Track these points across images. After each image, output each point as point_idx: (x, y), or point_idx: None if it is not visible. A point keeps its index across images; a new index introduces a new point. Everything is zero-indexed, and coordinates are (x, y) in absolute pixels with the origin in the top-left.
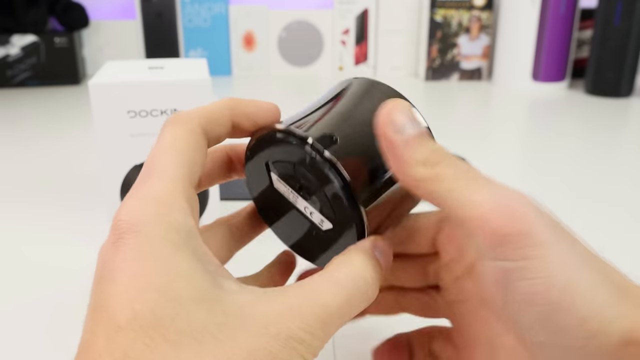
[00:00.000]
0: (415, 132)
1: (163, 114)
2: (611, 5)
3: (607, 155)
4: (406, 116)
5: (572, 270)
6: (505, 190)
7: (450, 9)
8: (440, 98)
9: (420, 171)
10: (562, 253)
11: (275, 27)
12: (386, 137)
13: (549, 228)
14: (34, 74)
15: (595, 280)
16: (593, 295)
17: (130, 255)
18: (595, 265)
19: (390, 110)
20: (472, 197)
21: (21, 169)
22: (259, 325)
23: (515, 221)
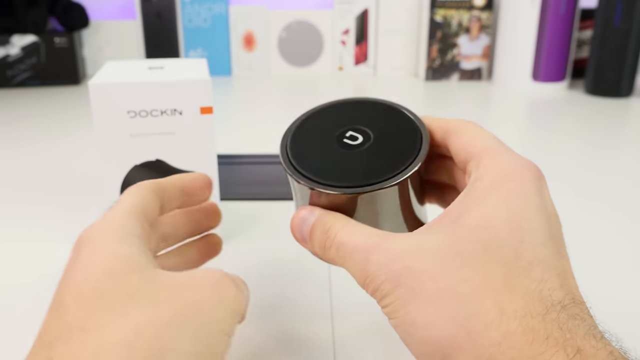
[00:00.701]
0: (308, 233)
1: (163, 114)
2: (611, 5)
3: (607, 155)
4: (298, 228)
5: (408, 311)
6: (363, 254)
7: (450, 9)
8: (440, 98)
9: (325, 257)
10: (401, 297)
11: (275, 27)
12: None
13: (391, 277)
14: (34, 74)
15: (431, 316)
16: (428, 332)
17: (83, 257)
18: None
19: (291, 229)
20: (350, 271)
21: (21, 169)
22: (187, 282)
23: (370, 286)
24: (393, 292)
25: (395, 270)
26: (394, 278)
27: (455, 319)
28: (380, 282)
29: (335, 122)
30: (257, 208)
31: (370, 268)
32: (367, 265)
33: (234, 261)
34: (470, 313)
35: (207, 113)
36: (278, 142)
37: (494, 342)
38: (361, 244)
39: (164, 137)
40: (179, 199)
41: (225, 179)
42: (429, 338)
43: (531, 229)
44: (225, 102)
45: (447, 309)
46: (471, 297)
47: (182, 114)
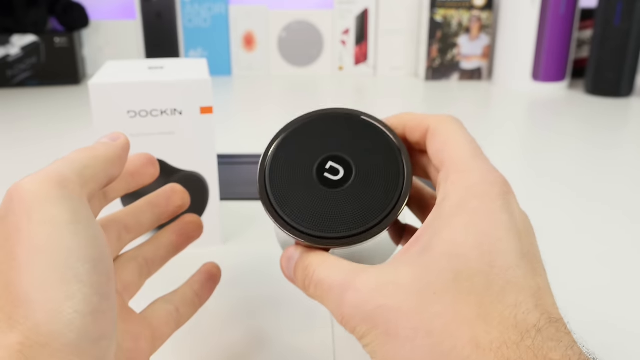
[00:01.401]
0: (293, 273)
1: (163, 114)
2: (611, 5)
3: (607, 155)
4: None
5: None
6: (341, 294)
7: (450, 9)
8: (440, 98)
9: (310, 296)
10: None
11: (275, 27)
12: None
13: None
14: (34, 74)
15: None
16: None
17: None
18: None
19: (281, 267)
20: (330, 310)
21: (21, 169)
22: None
23: (347, 327)
24: (369, 333)
25: (369, 310)
26: (368, 319)
27: (431, 357)
28: (355, 324)
29: (313, 148)
30: (257, 208)
31: (345, 310)
32: (343, 307)
33: (234, 261)
34: (445, 351)
35: (207, 113)
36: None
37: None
38: (336, 282)
39: (164, 137)
40: (123, 182)
41: (225, 179)
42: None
43: (501, 251)
44: (225, 102)
45: (423, 347)
46: (445, 334)
47: (182, 114)
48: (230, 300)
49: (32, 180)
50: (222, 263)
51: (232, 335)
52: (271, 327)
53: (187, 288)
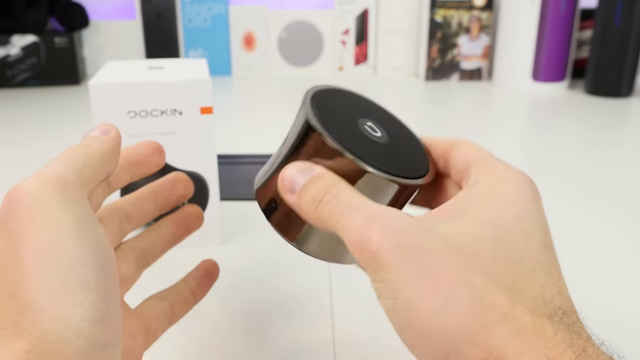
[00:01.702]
0: (300, 185)
1: (163, 114)
2: (611, 5)
3: (607, 155)
4: (291, 179)
5: (416, 292)
6: (368, 219)
7: (450, 9)
8: (440, 98)
9: (311, 216)
10: (407, 276)
11: (275, 27)
12: (286, 200)
13: (398, 251)
14: (34, 74)
15: (444, 302)
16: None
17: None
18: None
19: (282, 177)
20: (345, 231)
21: (21, 169)
22: None
23: (367, 250)
24: (397, 268)
25: (405, 245)
26: (401, 252)
27: (470, 310)
28: (382, 252)
29: (356, 108)
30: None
31: (373, 234)
32: (370, 230)
33: (234, 261)
34: (485, 305)
35: (207, 113)
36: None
37: (507, 335)
38: (369, 208)
39: (164, 137)
40: (127, 170)
41: (225, 179)
42: (438, 327)
43: (533, 234)
44: (225, 102)
45: (462, 298)
46: (486, 290)
47: (182, 114)
48: (230, 300)
49: (32, 182)
50: (222, 263)
51: (232, 334)
52: (271, 327)
53: (183, 285)
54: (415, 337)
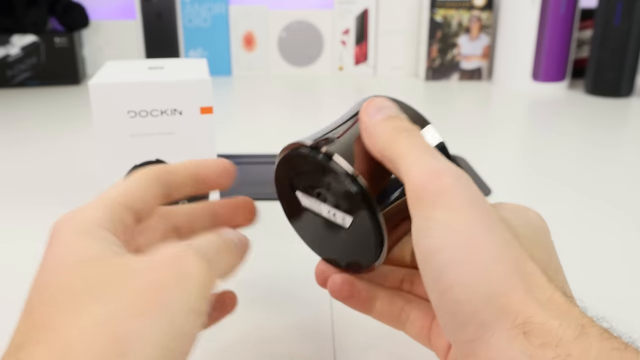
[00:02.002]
0: (384, 114)
1: (163, 114)
2: (611, 5)
3: (607, 155)
4: (378, 106)
5: (470, 237)
6: (441, 164)
7: (450, 9)
8: (440, 98)
9: (388, 136)
10: (465, 222)
11: (275, 27)
12: (362, 121)
13: (462, 199)
14: (34, 74)
15: (493, 253)
16: (486, 265)
17: (50, 248)
18: (503, 243)
19: (369, 102)
20: (413, 165)
21: (21, 169)
22: (146, 263)
23: (430, 187)
24: (460, 211)
25: (474, 195)
26: (470, 200)
27: (517, 267)
28: (448, 192)
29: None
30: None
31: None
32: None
33: None
34: (529, 270)
35: (207, 113)
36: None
37: (541, 300)
38: (444, 159)
39: (164, 137)
40: (191, 186)
41: None
42: (487, 270)
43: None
44: (225, 102)
45: (513, 256)
46: (529, 260)
47: (182, 114)
48: None
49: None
50: None
51: (231, 334)
52: (271, 327)
53: None
54: (455, 278)
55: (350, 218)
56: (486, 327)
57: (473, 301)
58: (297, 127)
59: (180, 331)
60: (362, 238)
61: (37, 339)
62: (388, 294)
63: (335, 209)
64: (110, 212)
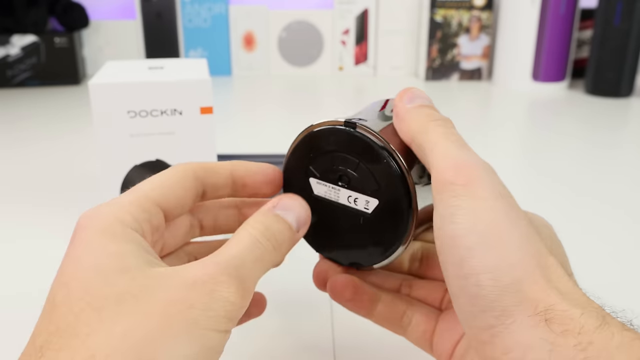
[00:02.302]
0: (418, 102)
1: (163, 114)
2: (611, 6)
3: (607, 155)
4: (414, 94)
5: (495, 224)
6: (472, 156)
7: (450, 9)
8: (440, 98)
9: (420, 122)
10: (491, 210)
11: (275, 27)
12: (397, 107)
13: (490, 189)
14: (34, 74)
15: (517, 242)
16: (510, 252)
17: (76, 249)
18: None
19: (404, 90)
20: (443, 153)
21: (21, 169)
22: (177, 281)
23: (459, 175)
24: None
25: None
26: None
27: (539, 258)
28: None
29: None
30: None
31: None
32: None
33: None
34: (550, 262)
35: (207, 113)
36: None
37: (562, 290)
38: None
39: (164, 137)
40: (230, 188)
41: None
42: (511, 257)
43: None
44: (225, 102)
45: (535, 247)
46: (548, 255)
47: (182, 114)
48: None
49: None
50: None
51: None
52: (271, 327)
53: None
54: (478, 264)
55: (375, 201)
56: (507, 313)
57: (495, 287)
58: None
59: (205, 351)
60: (386, 223)
61: (60, 345)
62: (389, 297)
63: (358, 193)
64: (139, 212)
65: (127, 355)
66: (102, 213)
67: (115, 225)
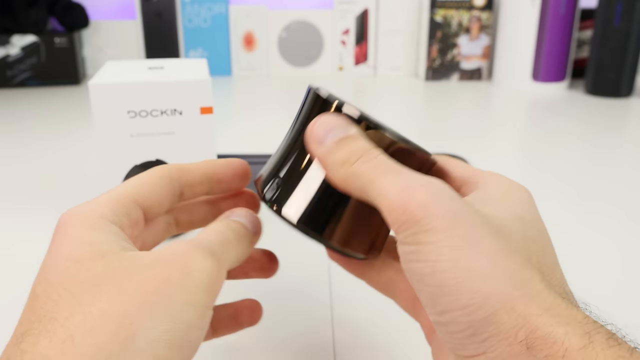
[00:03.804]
0: (334, 139)
1: (163, 114)
2: (611, 6)
3: (607, 155)
4: (326, 127)
5: (458, 258)
6: (412, 180)
7: (450, 9)
8: (440, 98)
9: (341, 172)
10: (451, 243)
11: (275, 27)
12: (311, 151)
13: (444, 215)
14: (34, 74)
15: (485, 269)
16: (480, 285)
17: (57, 241)
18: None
19: (312, 127)
20: (383, 190)
21: (21, 169)
22: (151, 260)
23: (410, 211)
24: (444, 232)
25: (455, 211)
26: (451, 217)
27: (512, 279)
28: (430, 215)
29: None
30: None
31: (419, 195)
32: (415, 191)
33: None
34: (525, 278)
35: (207, 113)
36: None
37: (542, 309)
38: (410, 174)
39: (164, 137)
40: (206, 185)
41: None
42: (479, 291)
43: (547, 236)
44: (225, 102)
45: (506, 267)
46: (525, 266)
47: (182, 114)
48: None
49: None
50: None
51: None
52: (271, 327)
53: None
54: (450, 302)
55: None
56: (487, 344)
57: (471, 322)
58: None
59: (184, 326)
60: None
61: (40, 330)
62: (378, 264)
63: None
64: (118, 207)
65: (105, 334)
66: (81, 210)
67: (94, 219)
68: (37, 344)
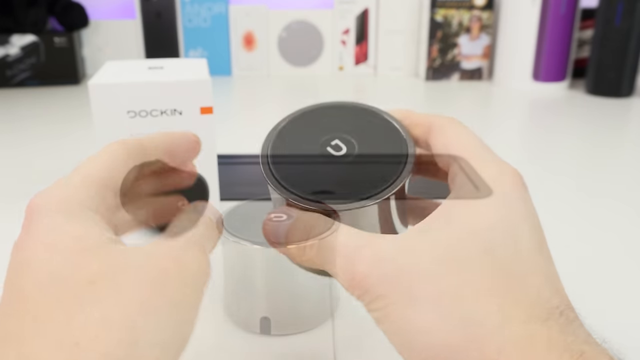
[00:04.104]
0: (283, 235)
1: (163, 114)
2: (612, 5)
3: (607, 155)
4: (273, 229)
5: (409, 315)
6: (349, 253)
7: (450, 8)
8: (441, 98)
9: (302, 261)
10: (399, 302)
11: (275, 27)
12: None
13: (386, 280)
14: (34, 74)
15: (436, 324)
16: (433, 339)
17: (34, 234)
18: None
19: (264, 231)
20: (332, 272)
21: (21, 169)
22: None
23: (358, 284)
24: (387, 295)
25: (389, 271)
26: (387, 280)
27: (459, 324)
28: (370, 284)
29: (319, 128)
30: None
31: (359, 268)
32: (356, 266)
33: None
34: (475, 317)
35: (207, 113)
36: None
37: (499, 348)
38: (349, 243)
39: None
40: (161, 161)
41: (225, 179)
42: (431, 344)
43: (522, 235)
44: (225, 102)
45: (451, 312)
46: (476, 301)
47: (182, 114)
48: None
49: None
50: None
51: (230, 333)
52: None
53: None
54: (413, 356)
55: None
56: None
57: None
58: None
59: (179, 325)
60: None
61: (38, 332)
62: None
63: None
64: (93, 192)
65: (110, 336)
66: (57, 195)
67: (73, 206)
68: (40, 348)
